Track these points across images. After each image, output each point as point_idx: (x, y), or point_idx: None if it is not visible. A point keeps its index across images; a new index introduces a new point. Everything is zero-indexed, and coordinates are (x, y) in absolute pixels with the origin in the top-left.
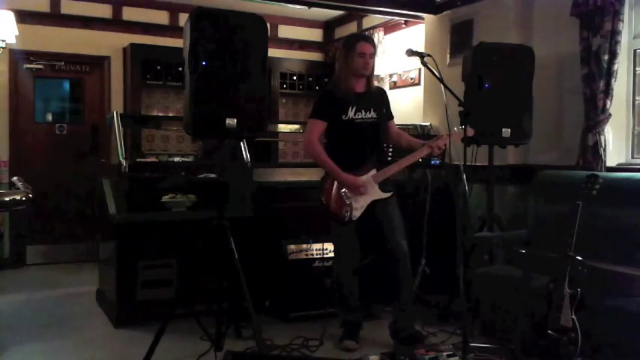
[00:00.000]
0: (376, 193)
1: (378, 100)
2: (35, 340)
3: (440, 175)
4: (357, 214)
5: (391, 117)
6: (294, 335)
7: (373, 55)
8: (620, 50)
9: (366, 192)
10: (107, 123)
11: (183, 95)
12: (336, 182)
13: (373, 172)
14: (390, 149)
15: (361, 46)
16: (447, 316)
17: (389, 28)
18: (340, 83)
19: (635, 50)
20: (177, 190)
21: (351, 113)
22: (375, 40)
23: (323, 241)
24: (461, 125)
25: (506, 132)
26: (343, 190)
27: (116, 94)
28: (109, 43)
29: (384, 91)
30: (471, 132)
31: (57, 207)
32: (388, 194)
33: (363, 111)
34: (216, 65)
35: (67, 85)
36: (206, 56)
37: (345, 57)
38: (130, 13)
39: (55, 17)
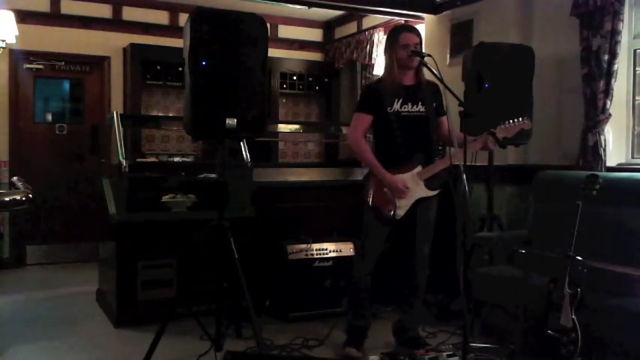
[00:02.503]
0: (422, 191)
1: (428, 94)
2: (35, 340)
3: (440, 175)
4: (401, 212)
5: (443, 113)
6: (294, 335)
7: (419, 45)
8: (620, 50)
9: (409, 192)
10: (107, 123)
11: (183, 95)
12: (379, 179)
13: (419, 168)
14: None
15: (404, 37)
16: (447, 316)
17: (389, 28)
18: (387, 76)
19: (635, 50)
20: (177, 190)
21: (397, 105)
22: (375, 40)
23: (323, 241)
24: (461, 128)
25: None
26: (386, 188)
27: (116, 94)
28: (109, 43)
29: (437, 87)
30: (527, 124)
31: (57, 207)
32: (434, 192)
33: (409, 104)
34: (216, 65)
35: (67, 85)
36: (206, 56)
37: (388, 50)
38: (130, 13)
39: (55, 17)
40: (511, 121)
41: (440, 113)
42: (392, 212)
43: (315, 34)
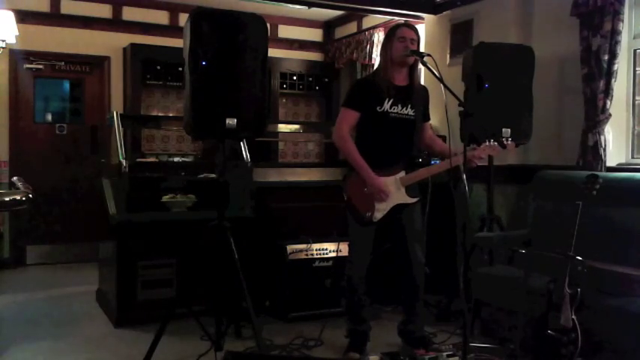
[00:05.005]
0: (402, 197)
1: (419, 97)
2: (35, 340)
3: (440, 175)
4: (378, 215)
5: (427, 118)
6: (294, 335)
7: (416, 42)
8: (620, 50)
9: (389, 196)
10: (107, 123)
11: (183, 95)
12: (360, 179)
13: (402, 174)
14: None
15: (401, 30)
16: (447, 316)
17: (389, 28)
18: (380, 73)
19: (635, 50)
20: (177, 190)
21: (386, 105)
22: (375, 40)
23: (323, 241)
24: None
25: (506, 132)
26: (366, 188)
27: (116, 94)
28: (109, 43)
29: (427, 91)
30: (511, 146)
31: (57, 207)
32: (414, 200)
33: (399, 105)
34: (216, 65)
35: (67, 85)
36: (206, 56)
37: (384, 45)
38: (130, 13)
39: (55, 17)
40: (490, 141)
41: (425, 118)
42: (369, 214)
43: (315, 34)
